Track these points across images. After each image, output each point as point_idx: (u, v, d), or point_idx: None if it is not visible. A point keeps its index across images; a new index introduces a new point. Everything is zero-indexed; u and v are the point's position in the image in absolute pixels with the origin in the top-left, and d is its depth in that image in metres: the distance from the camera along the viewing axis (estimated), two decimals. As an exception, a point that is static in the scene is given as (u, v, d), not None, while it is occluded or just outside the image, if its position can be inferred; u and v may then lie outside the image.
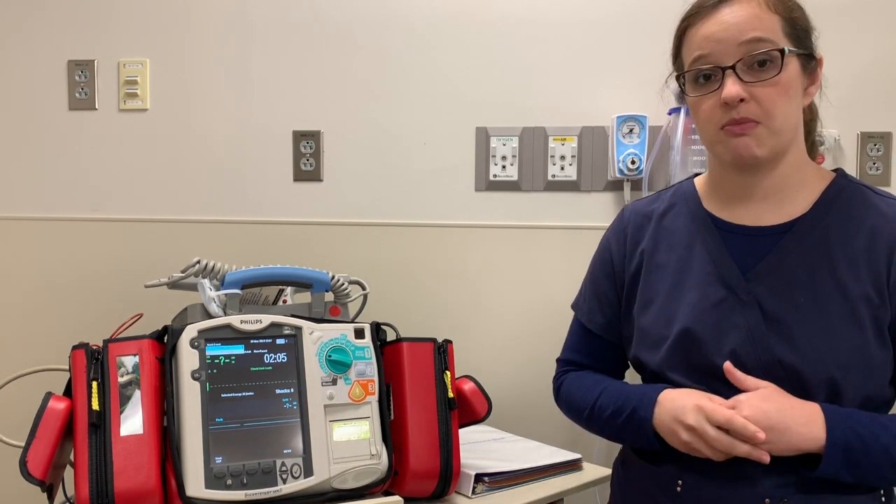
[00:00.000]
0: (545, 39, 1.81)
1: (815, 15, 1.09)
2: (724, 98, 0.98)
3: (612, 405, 1.12)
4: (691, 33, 1.03)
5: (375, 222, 1.86)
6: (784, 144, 1.02)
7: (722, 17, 1.00)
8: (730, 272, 1.04)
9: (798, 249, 1.02)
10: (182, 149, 1.90)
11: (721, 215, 1.09)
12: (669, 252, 1.11)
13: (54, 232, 1.91)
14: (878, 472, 0.96)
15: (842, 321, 0.99)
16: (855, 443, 0.95)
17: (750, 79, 0.98)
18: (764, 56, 0.98)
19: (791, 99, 1.00)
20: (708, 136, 1.04)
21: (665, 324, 1.08)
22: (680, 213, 1.13)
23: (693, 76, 1.03)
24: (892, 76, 1.74)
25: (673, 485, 1.05)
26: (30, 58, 1.92)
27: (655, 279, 1.12)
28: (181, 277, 1.35)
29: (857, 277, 0.99)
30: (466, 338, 1.27)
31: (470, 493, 1.32)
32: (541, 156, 1.82)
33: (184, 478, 1.11)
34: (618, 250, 1.19)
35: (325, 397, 1.22)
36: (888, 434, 0.96)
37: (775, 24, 0.99)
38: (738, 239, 1.06)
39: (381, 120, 1.86)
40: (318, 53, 1.87)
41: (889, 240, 1.00)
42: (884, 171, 1.75)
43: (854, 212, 1.03)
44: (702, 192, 1.13)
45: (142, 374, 1.15)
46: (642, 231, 1.16)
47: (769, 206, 1.06)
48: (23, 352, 1.87)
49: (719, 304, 1.04)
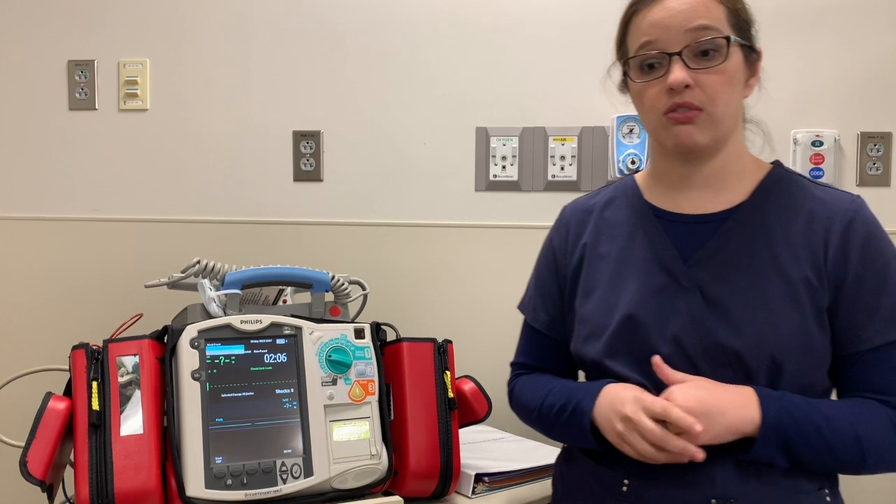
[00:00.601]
0: (545, 39, 1.81)
1: (816, 15, 1.10)
2: (670, 83, 0.99)
3: (559, 402, 1.11)
4: (638, 20, 1.04)
5: (375, 222, 1.86)
6: (725, 133, 1.04)
7: (669, 4, 1.01)
8: (671, 259, 1.05)
9: (738, 236, 1.04)
10: (182, 149, 1.90)
11: (662, 205, 1.10)
12: (611, 242, 1.12)
13: (54, 232, 1.91)
14: (813, 455, 0.97)
15: (782, 303, 1.00)
16: (788, 422, 0.95)
17: (695, 66, 1.00)
18: (709, 45, 0.99)
19: (733, 88, 1.02)
20: (652, 123, 1.06)
21: (606, 312, 1.08)
22: (621, 205, 1.14)
23: (638, 63, 1.04)
24: (892, 76, 1.74)
25: (619, 485, 1.04)
26: (30, 58, 1.92)
27: (597, 269, 1.12)
28: (181, 277, 1.35)
29: (796, 261, 1.01)
30: (466, 338, 1.27)
31: (470, 493, 1.32)
32: (541, 156, 1.83)
33: (184, 478, 1.11)
34: (560, 246, 1.19)
35: (325, 397, 1.22)
36: (820, 415, 0.97)
37: (721, 13, 1.01)
38: (679, 227, 1.07)
39: (381, 120, 1.86)
40: (318, 53, 1.87)
41: (825, 223, 1.02)
42: (884, 171, 1.75)
43: (792, 199, 1.05)
44: (643, 185, 1.15)
45: (142, 374, 1.15)
46: (584, 225, 1.17)
47: (709, 194, 1.07)
48: (23, 352, 1.87)
49: (661, 290, 1.05)
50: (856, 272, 1.00)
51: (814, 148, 1.74)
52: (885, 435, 0.98)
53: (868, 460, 0.97)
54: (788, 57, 1.76)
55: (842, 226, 1.01)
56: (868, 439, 0.97)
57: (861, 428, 0.97)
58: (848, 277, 1.00)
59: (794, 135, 1.76)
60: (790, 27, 1.76)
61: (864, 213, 1.03)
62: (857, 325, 1.00)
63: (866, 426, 0.97)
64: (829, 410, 0.98)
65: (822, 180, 1.75)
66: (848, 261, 1.00)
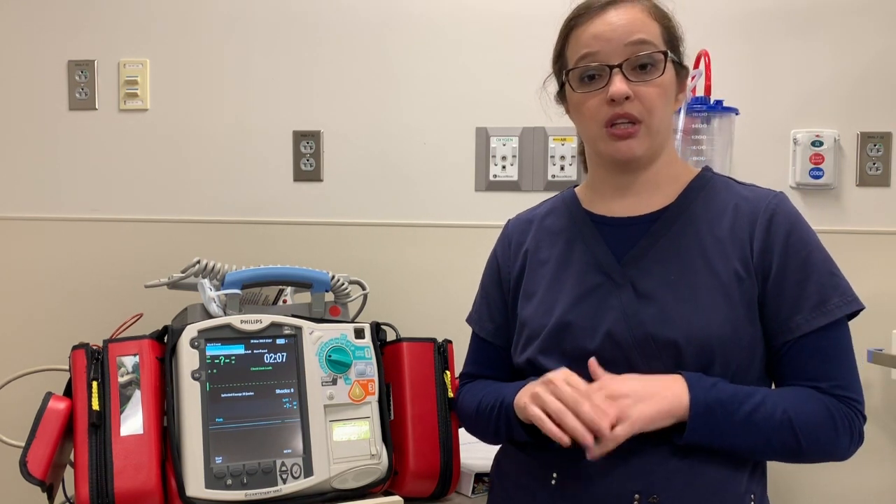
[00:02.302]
0: (545, 39, 1.81)
1: (816, 15, 1.10)
2: (611, 94, 1.03)
3: (492, 401, 1.13)
4: (578, 32, 1.08)
5: (375, 222, 1.86)
6: (659, 144, 1.08)
7: (609, 19, 1.05)
8: (605, 259, 1.09)
9: (668, 233, 1.07)
10: (182, 149, 1.90)
11: (598, 211, 1.14)
12: (551, 248, 1.16)
13: (54, 232, 1.91)
14: (746, 439, 0.98)
15: (711, 295, 1.02)
16: (716, 406, 0.97)
17: (634, 78, 1.03)
18: (647, 59, 1.04)
19: (667, 101, 1.07)
20: (591, 133, 1.09)
21: (544, 313, 1.11)
22: (560, 214, 1.19)
23: (578, 74, 1.07)
24: (892, 76, 1.74)
25: (548, 477, 1.06)
26: (30, 58, 1.92)
27: (537, 274, 1.15)
28: (181, 277, 1.35)
29: (724, 255, 1.04)
30: (466, 338, 1.27)
31: (470, 493, 1.32)
32: (541, 156, 1.83)
33: (184, 478, 1.11)
34: (503, 256, 1.23)
35: (325, 397, 1.22)
36: (751, 400, 0.98)
37: (656, 29, 1.06)
38: (613, 230, 1.11)
39: (381, 120, 1.86)
40: (318, 53, 1.87)
41: (751, 217, 1.06)
42: (884, 171, 1.75)
43: (719, 197, 1.09)
44: (581, 196, 1.19)
45: (142, 374, 1.15)
46: (525, 234, 1.21)
47: (641, 199, 1.11)
48: (23, 352, 1.87)
49: (596, 289, 1.08)
50: (780, 263, 1.03)
51: (814, 148, 1.74)
52: (819, 420, 0.99)
53: (803, 444, 0.99)
54: (788, 57, 1.76)
55: (765, 219, 1.05)
56: (801, 423, 0.98)
57: (793, 412, 0.99)
58: (774, 268, 1.03)
59: (794, 135, 1.76)
60: (790, 27, 1.76)
61: (785, 206, 1.06)
62: (786, 315, 1.03)
63: (798, 411, 0.99)
64: (761, 396, 1.00)
65: (822, 181, 1.75)
66: (773, 252, 1.03)
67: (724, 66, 1.65)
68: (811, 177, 1.75)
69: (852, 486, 1.72)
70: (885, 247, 1.74)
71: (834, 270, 1.04)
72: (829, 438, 1.00)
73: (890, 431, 1.71)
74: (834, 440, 1.00)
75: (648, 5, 1.07)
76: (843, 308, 1.02)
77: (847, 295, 1.03)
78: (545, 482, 1.06)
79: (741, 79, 1.75)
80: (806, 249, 1.04)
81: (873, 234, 1.75)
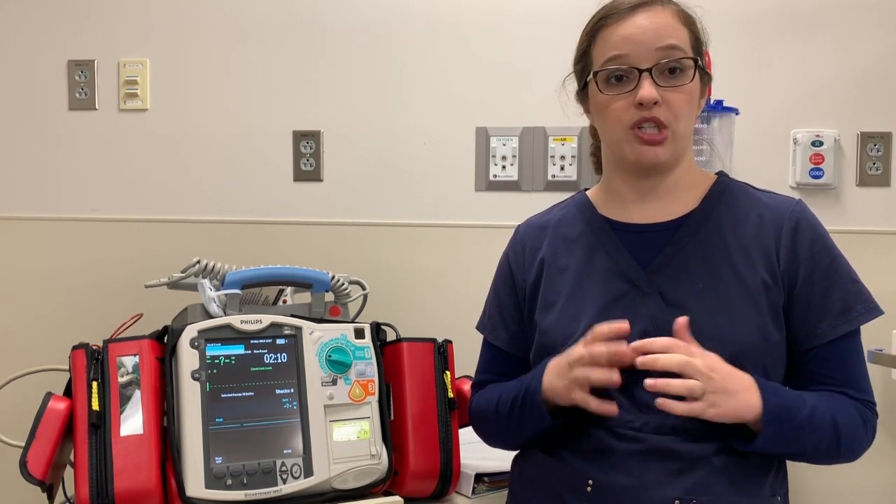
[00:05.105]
0: (545, 39, 1.81)
1: (816, 15, 1.10)
2: (640, 99, 1.01)
3: (511, 397, 1.12)
4: (606, 33, 1.06)
5: (375, 222, 1.86)
6: (682, 149, 1.08)
7: (639, 21, 1.03)
8: (630, 267, 1.08)
9: (693, 241, 1.07)
10: (182, 149, 1.90)
11: (616, 217, 1.13)
12: (569, 256, 1.14)
13: (54, 232, 1.91)
14: (799, 445, 1.00)
15: (740, 302, 1.02)
16: (783, 411, 0.98)
17: (663, 83, 1.02)
18: (677, 64, 1.03)
19: (693, 107, 1.06)
20: (616, 136, 1.07)
21: (568, 322, 1.09)
22: (576, 220, 1.16)
23: (606, 76, 1.05)
24: (892, 76, 1.74)
25: (583, 484, 1.04)
26: (30, 58, 1.92)
27: (556, 283, 1.13)
28: (181, 277, 1.35)
29: (750, 263, 1.04)
30: (466, 338, 1.27)
31: (470, 493, 1.32)
32: (541, 156, 1.83)
33: (184, 478, 1.11)
34: (517, 263, 1.20)
35: (325, 397, 1.22)
36: (806, 406, 0.99)
37: (685, 35, 1.05)
38: (635, 237, 1.10)
39: (381, 120, 1.86)
40: (318, 53, 1.87)
41: (775, 225, 1.06)
42: (884, 171, 1.75)
43: (739, 204, 1.09)
44: (595, 200, 1.17)
45: (142, 374, 1.15)
46: (539, 241, 1.19)
47: (662, 205, 1.10)
48: (23, 352, 1.87)
49: (622, 297, 1.07)
50: (807, 271, 1.04)
51: (814, 148, 1.74)
52: (855, 425, 1.02)
53: (842, 447, 1.01)
54: (788, 57, 1.76)
55: (790, 227, 1.05)
56: (844, 428, 1.00)
57: (839, 417, 1.01)
58: (800, 276, 1.04)
59: (794, 135, 1.76)
60: (790, 27, 1.76)
61: (807, 214, 1.07)
62: (813, 322, 1.04)
63: (841, 416, 1.01)
64: (812, 401, 1.01)
65: (822, 181, 1.75)
66: (799, 260, 1.04)
67: (724, 66, 1.64)
68: (811, 177, 1.75)
69: (853, 486, 1.72)
70: (886, 247, 1.74)
71: (855, 277, 1.06)
72: (861, 442, 1.04)
73: (890, 431, 1.71)
74: (864, 443, 1.04)
75: (677, 9, 1.06)
76: (865, 315, 1.04)
77: (869, 302, 1.05)
78: (579, 489, 1.04)
79: (741, 79, 1.75)
80: (829, 257, 1.05)
81: (873, 234, 1.75)
